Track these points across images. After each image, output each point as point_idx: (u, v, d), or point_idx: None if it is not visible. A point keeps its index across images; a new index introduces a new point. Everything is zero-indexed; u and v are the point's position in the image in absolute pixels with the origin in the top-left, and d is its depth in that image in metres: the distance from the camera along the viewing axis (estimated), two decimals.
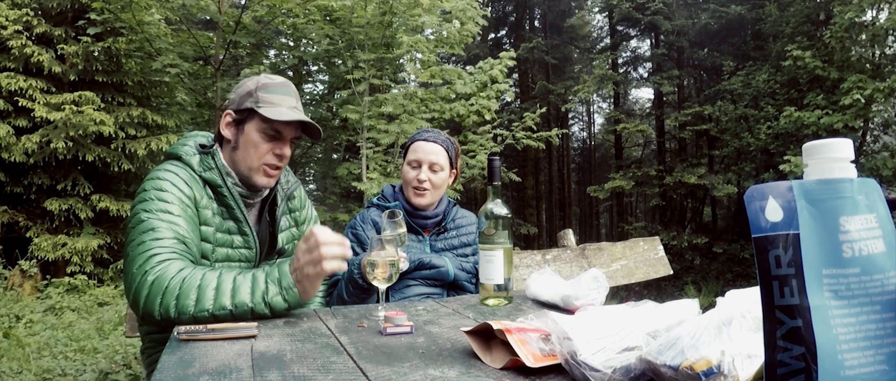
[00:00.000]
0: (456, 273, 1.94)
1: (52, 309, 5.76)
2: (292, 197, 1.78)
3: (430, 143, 2.00)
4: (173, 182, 1.47)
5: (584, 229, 24.33)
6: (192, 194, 1.49)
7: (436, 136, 2.03)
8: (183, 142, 1.60)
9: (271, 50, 9.19)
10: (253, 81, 1.59)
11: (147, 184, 1.47)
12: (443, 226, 2.03)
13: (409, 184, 1.99)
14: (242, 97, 1.57)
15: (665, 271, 3.23)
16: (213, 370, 0.91)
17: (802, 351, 0.57)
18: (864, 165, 9.86)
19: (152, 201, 1.43)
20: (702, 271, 12.55)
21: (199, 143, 1.60)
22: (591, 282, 1.52)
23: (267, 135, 1.55)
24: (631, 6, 14.80)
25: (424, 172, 1.97)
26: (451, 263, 1.94)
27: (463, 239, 2.05)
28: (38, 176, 6.89)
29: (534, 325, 0.96)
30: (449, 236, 2.04)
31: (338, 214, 7.38)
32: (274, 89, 1.56)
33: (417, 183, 1.97)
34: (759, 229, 0.61)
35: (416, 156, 1.99)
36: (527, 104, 17.03)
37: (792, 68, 10.83)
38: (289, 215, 1.77)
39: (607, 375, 0.78)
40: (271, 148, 1.55)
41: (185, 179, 1.49)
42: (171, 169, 1.50)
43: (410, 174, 1.99)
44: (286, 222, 1.74)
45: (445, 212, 2.05)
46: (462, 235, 2.06)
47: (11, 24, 6.63)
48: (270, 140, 1.55)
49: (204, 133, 1.68)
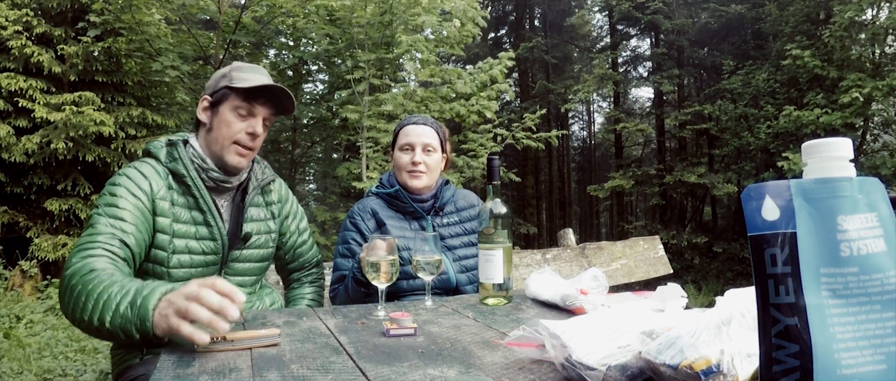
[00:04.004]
0: (458, 278, 1.92)
1: (53, 309, 5.76)
2: (270, 190, 1.78)
3: (419, 126, 1.99)
4: (130, 176, 1.52)
5: (584, 228, 24.33)
6: (149, 187, 1.52)
7: (423, 120, 2.02)
8: (159, 140, 1.66)
9: (271, 50, 9.20)
10: (227, 67, 1.67)
11: (108, 181, 1.54)
12: (440, 206, 2.00)
13: (404, 168, 1.96)
14: (217, 80, 1.64)
15: (665, 270, 3.23)
16: (213, 370, 0.91)
17: (798, 349, 0.58)
18: (864, 164, 9.84)
19: (104, 195, 1.49)
20: (702, 270, 12.54)
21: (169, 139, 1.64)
22: (592, 281, 1.53)
23: (239, 113, 1.59)
24: (631, 5, 14.78)
25: (418, 154, 1.94)
26: (453, 267, 1.92)
27: (466, 226, 2.01)
28: (38, 176, 6.89)
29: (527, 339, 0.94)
30: (451, 221, 2.01)
31: (338, 213, 7.39)
32: (247, 69, 1.63)
33: (412, 166, 1.94)
34: (756, 228, 0.61)
35: (407, 139, 1.97)
36: (527, 104, 17.03)
37: (792, 67, 10.82)
38: (266, 207, 1.76)
39: (603, 373, 0.78)
40: (244, 127, 1.60)
41: (144, 173, 1.53)
42: (134, 165, 1.56)
43: (404, 158, 1.96)
44: (260, 212, 1.73)
45: (439, 191, 2.02)
46: (465, 221, 2.02)
47: (11, 24, 6.62)
48: (243, 119, 1.60)
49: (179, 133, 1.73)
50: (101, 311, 1.16)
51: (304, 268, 1.95)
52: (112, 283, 1.20)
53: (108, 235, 1.40)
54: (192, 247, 1.57)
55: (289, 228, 1.85)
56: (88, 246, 1.36)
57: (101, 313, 1.16)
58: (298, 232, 1.88)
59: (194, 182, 1.58)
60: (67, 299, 1.24)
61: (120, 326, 1.13)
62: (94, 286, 1.21)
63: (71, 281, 1.26)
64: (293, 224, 1.86)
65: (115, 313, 1.14)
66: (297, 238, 1.87)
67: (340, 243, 1.95)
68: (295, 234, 1.86)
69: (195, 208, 1.59)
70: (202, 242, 1.59)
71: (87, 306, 1.19)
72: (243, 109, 1.60)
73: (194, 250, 1.57)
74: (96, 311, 1.17)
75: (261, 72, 1.64)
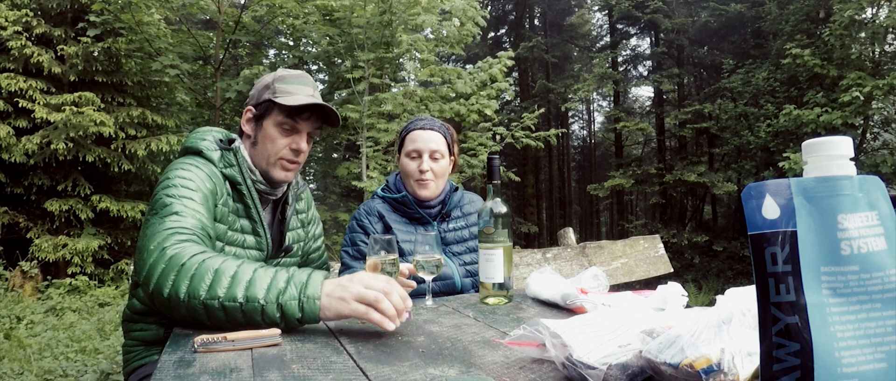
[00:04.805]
0: (462, 282, 1.91)
1: (53, 310, 5.76)
2: (300, 198, 1.79)
3: (426, 131, 1.91)
4: (197, 175, 1.45)
5: (584, 227, 24.33)
6: (214, 189, 1.47)
7: (431, 123, 1.94)
8: (201, 137, 1.59)
9: (271, 49, 9.20)
10: (271, 75, 1.61)
11: (170, 173, 1.44)
12: (447, 212, 1.97)
13: (411, 176, 1.90)
14: (260, 91, 1.59)
15: (665, 268, 3.23)
16: (214, 370, 0.91)
17: (798, 348, 0.58)
18: (864, 163, 9.84)
19: (177, 187, 1.40)
20: (702, 269, 12.55)
21: (218, 139, 1.59)
22: (592, 280, 1.53)
23: (283, 129, 1.55)
24: (631, 4, 14.78)
25: (426, 161, 1.88)
26: (457, 270, 1.91)
27: (473, 230, 1.97)
28: (38, 177, 6.89)
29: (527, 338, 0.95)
30: (458, 226, 1.98)
31: (338, 213, 7.40)
32: (291, 80, 1.58)
33: (419, 175, 1.88)
34: (756, 227, 0.61)
35: (414, 146, 1.90)
36: (526, 103, 17.03)
37: (791, 66, 10.82)
38: (296, 215, 1.77)
39: (603, 372, 0.78)
40: (288, 143, 1.56)
41: (208, 174, 1.48)
42: (194, 163, 1.49)
43: (411, 166, 1.90)
44: (295, 222, 1.75)
45: (447, 197, 1.98)
46: (472, 225, 1.98)
47: (11, 24, 6.62)
48: (287, 134, 1.56)
49: (218, 128, 1.67)
50: (232, 288, 1.14)
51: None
52: (243, 263, 1.19)
53: (195, 224, 1.34)
54: (238, 255, 1.53)
55: (309, 233, 1.85)
56: (181, 231, 1.29)
57: (231, 290, 1.13)
58: (314, 238, 1.89)
59: (249, 191, 1.55)
60: (179, 278, 1.17)
61: (260, 301, 1.13)
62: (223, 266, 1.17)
63: (187, 261, 1.19)
64: (312, 230, 1.87)
65: (269, 290, 1.13)
66: (312, 244, 1.88)
67: (349, 245, 1.93)
68: (311, 239, 1.87)
69: (246, 217, 1.56)
70: (248, 250, 1.57)
71: (215, 284, 1.14)
72: (287, 124, 1.55)
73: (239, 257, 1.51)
74: (231, 288, 1.14)
75: (305, 81, 1.59)
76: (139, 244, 1.31)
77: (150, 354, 1.56)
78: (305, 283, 1.15)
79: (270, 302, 1.13)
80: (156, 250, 1.23)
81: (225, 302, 1.13)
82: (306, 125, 1.57)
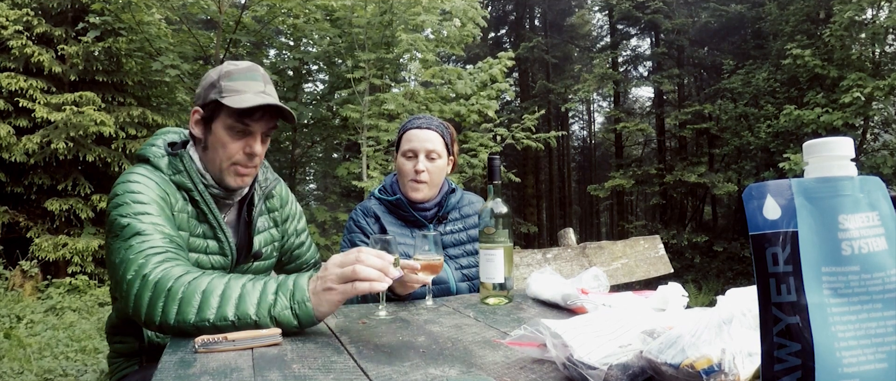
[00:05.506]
0: (458, 286, 1.87)
1: (53, 309, 5.77)
2: (271, 196, 1.66)
3: (423, 130, 1.85)
4: (146, 185, 1.36)
5: (584, 227, 24.34)
6: (166, 197, 1.39)
7: (428, 122, 1.89)
8: (151, 142, 1.49)
9: (271, 50, 9.19)
10: (216, 71, 1.46)
11: (118, 188, 1.35)
12: (443, 214, 1.92)
13: (407, 177, 1.85)
14: (206, 89, 1.44)
15: (665, 269, 3.23)
16: (214, 370, 0.91)
17: (799, 348, 0.58)
18: (865, 164, 9.84)
19: (127, 204, 1.31)
20: (702, 270, 12.55)
21: (169, 142, 1.48)
22: (592, 281, 1.53)
23: (234, 132, 1.42)
24: (631, 5, 14.79)
25: (422, 161, 1.83)
26: (453, 274, 1.88)
27: (471, 233, 1.92)
28: (38, 176, 6.89)
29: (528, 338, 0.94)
30: (455, 229, 1.93)
31: (338, 213, 7.39)
32: (238, 76, 1.43)
33: (415, 175, 1.83)
34: (757, 227, 0.61)
35: (410, 145, 1.85)
36: (527, 103, 17.04)
37: (792, 67, 10.82)
38: (267, 215, 1.65)
39: (604, 372, 0.78)
40: (241, 147, 1.44)
41: (156, 182, 1.39)
42: (142, 172, 1.40)
43: (406, 166, 1.85)
44: (264, 222, 1.63)
45: (444, 199, 1.92)
46: (470, 228, 1.93)
47: (11, 24, 6.63)
48: (239, 138, 1.43)
49: (175, 129, 1.57)
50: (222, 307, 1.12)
51: (302, 269, 1.87)
52: (230, 280, 1.16)
53: (163, 240, 1.27)
54: (202, 261, 1.46)
55: (287, 230, 1.75)
56: (153, 253, 1.23)
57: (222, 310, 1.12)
58: (296, 234, 1.79)
59: (202, 196, 1.45)
60: (168, 304, 1.14)
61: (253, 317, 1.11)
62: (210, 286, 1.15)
63: (172, 285, 1.15)
64: (292, 226, 1.76)
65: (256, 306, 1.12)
66: (295, 240, 1.79)
67: (347, 246, 1.89)
68: (293, 236, 1.77)
69: (204, 222, 1.47)
70: (211, 256, 1.48)
71: (204, 306, 1.12)
72: (238, 127, 1.42)
73: (203, 264, 1.46)
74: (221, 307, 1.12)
75: (255, 76, 1.45)
76: (114, 272, 1.26)
77: (130, 365, 1.55)
78: (293, 290, 1.14)
79: (263, 317, 1.12)
80: (136, 278, 1.19)
81: (216, 322, 1.12)
82: (259, 126, 1.44)
